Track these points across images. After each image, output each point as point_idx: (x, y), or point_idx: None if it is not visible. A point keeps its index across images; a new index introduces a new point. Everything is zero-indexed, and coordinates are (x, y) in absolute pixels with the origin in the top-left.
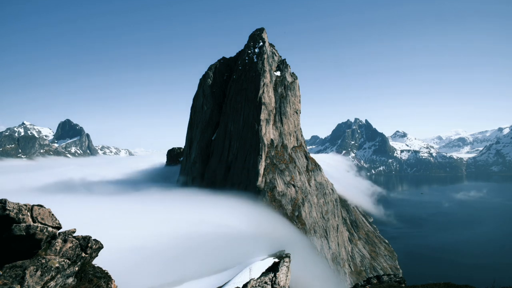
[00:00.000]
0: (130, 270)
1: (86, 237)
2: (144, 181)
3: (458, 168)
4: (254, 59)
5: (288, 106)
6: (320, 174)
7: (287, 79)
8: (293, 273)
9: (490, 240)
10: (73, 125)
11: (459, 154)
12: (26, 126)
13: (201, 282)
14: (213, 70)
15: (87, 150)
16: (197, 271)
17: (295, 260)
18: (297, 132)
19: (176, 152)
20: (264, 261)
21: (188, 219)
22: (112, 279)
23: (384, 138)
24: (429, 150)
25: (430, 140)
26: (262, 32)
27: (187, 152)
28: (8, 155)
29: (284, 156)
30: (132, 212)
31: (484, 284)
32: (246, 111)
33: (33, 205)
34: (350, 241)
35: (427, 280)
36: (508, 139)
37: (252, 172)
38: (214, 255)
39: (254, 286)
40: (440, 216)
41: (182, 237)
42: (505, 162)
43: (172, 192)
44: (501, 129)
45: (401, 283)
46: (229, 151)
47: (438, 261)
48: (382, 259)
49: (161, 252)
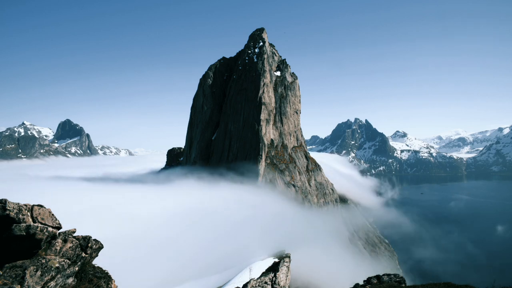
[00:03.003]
0: (130, 270)
1: (86, 237)
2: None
3: (458, 168)
4: (254, 59)
5: (288, 106)
6: (320, 174)
7: (287, 79)
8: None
9: (490, 240)
10: (73, 125)
11: (459, 154)
12: (26, 126)
13: (201, 282)
14: (213, 70)
15: (87, 150)
16: (197, 271)
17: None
18: (297, 132)
19: (176, 152)
20: (264, 261)
21: (188, 218)
22: (112, 279)
23: (384, 138)
24: (429, 150)
25: (430, 140)
26: (262, 32)
27: (187, 152)
28: (8, 155)
29: (284, 156)
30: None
31: (484, 284)
32: (246, 111)
33: (33, 205)
34: (350, 241)
35: (427, 280)
36: (508, 139)
37: (252, 172)
38: (214, 254)
39: (254, 286)
40: (440, 216)
41: (182, 236)
42: (505, 162)
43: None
44: (501, 129)
45: (401, 283)
46: (229, 151)
47: (438, 261)
48: (382, 259)
49: (161, 252)
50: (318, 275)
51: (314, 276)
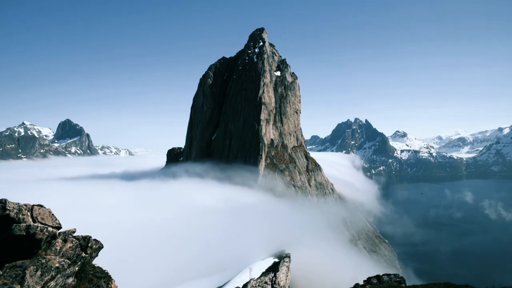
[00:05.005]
0: (130, 270)
1: (86, 237)
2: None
3: (458, 168)
4: (254, 59)
5: (288, 106)
6: (320, 174)
7: (287, 79)
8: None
9: (491, 239)
10: (73, 125)
11: (459, 154)
12: (26, 126)
13: (201, 282)
14: (213, 70)
15: (87, 150)
16: (197, 271)
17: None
18: (297, 132)
19: (176, 152)
20: (264, 261)
21: (188, 218)
22: (112, 279)
23: (384, 138)
24: (429, 150)
25: (430, 140)
26: (262, 32)
27: (187, 152)
28: (8, 155)
29: (284, 156)
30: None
31: (484, 284)
32: (246, 111)
33: (33, 205)
34: (350, 240)
35: (427, 280)
36: (508, 139)
37: (252, 172)
38: (214, 255)
39: (254, 286)
40: (440, 216)
41: (182, 236)
42: (505, 162)
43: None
44: (501, 129)
45: (401, 283)
46: (229, 151)
47: (438, 261)
48: (382, 259)
49: (161, 252)
50: (318, 275)
51: (314, 276)
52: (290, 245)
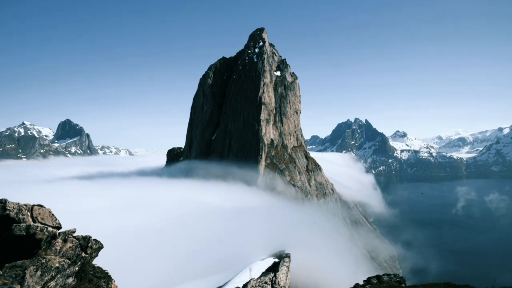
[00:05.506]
0: (130, 270)
1: (86, 237)
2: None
3: (458, 168)
4: (254, 59)
5: (288, 106)
6: (320, 174)
7: (287, 79)
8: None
9: (491, 239)
10: (73, 125)
11: (459, 154)
12: (26, 126)
13: (201, 282)
14: (213, 70)
15: (87, 150)
16: (197, 271)
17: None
18: (297, 132)
19: (176, 152)
20: (264, 261)
21: (188, 217)
22: (112, 279)
23: (384, 138)
24: (429, 150)
25: (430, 140)
26: (262, 32)
27: (187, 152)
28: (8, 155)
29: (284, 156)
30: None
31: (484, 284)
32: (246, 111)
33: (33, 205)
34: (350, 240)
35: (427, 280)
36: (508, 139)
37: (252, 172)
38: (214, 254)
39: (254, 286)
40: (440, 216)
41: (182, 236)
42: (505, 162)
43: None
44: (501, 129)
45: (401, 283)
46: (229, 151)
47: (438, 261)
48: (382, 258)
49: (161, 252)
50: (318, 275)
51: (314, 276)
52: (290, 245)
